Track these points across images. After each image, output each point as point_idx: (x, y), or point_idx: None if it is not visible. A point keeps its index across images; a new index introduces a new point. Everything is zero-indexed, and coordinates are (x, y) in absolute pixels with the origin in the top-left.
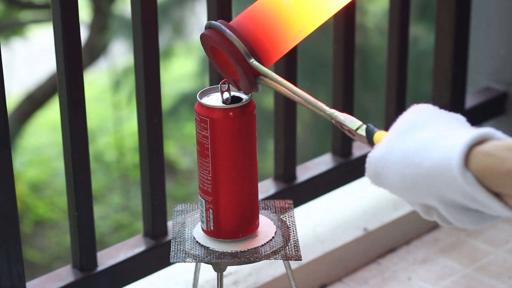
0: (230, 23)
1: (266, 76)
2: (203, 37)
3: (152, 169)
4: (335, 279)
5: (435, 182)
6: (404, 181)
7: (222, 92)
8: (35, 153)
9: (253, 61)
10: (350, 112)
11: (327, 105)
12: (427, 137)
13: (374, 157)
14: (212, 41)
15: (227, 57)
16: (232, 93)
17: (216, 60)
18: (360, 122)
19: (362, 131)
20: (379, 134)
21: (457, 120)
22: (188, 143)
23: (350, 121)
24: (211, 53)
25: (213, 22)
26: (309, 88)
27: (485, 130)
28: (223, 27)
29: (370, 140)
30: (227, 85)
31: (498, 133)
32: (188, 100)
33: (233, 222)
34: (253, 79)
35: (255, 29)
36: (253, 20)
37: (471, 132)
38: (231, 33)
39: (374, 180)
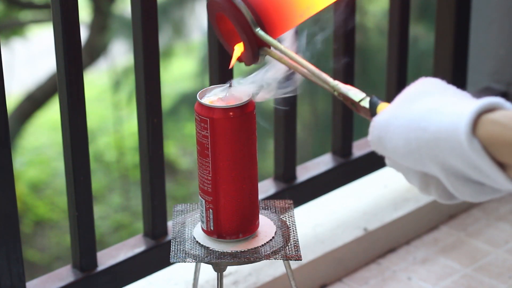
0: None
1: (270, 46)
2: (210, 3)
3: (152, 169)
4: (335, 279)
5: (440, 146)
6: (408, 145)
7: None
8: (35, 153)
9: (259, 30)
10: (350, 112)
11: (325, 104)
12: (435, 103)
13: (379, 121)
14: (219, 7)
15: (233, 26)
16: (233, 93)
17: (221, 29)
18: (363, 94)
19: (366, 103)
20: (382, 106)
21: (465, 95)
22: (188, 143)
23: (354, 93)
24: (216, 21)
25: None
26: (309, 88)
27: (495, 99)
28: None
29: (373, 112)
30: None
31: (508, 104)
32: (188, 100)
33: (233, 222)
34: (256, 49)
35: (264, 0)
36: None
37: (481, 100)
38: (239, 0)
39: (377, 145)
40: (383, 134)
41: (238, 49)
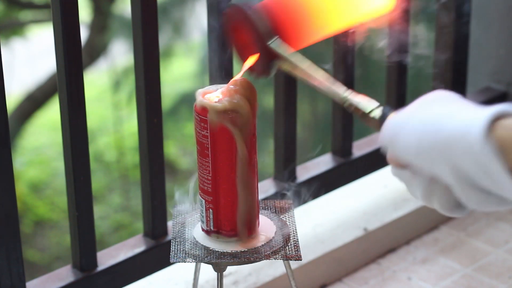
0: (256, 4)
1: (283, 59)
2: (226, 15)
3: (152, 169)
4: (335, 279)
5: (452, 148)
6: (420, 145)
7: None
8: (35, 153)
9: (271, 43)
10: (350, 112)
11: (325, 105)
12: (450, 108)
13: (393, 120)
14: (235, 18)
15: (247, 37)
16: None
17: (235, 41)
18: (375, 103)
19: (376, 113)
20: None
21: (478, 106)
22: (188, 143)
23: (365, 103)
24: (232, 32)
25: (238, 0)
26: (309, 88)
27: (510, 106)
28: (248, 5)
29: (384, 122)
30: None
31: None
32: (188, 100)
33: (233, 222)
34: (269, 61)
35: (280, 14)
36: (280, 4)
37: (496, 107)
38: (255, 11)
39: (389, 142)
40: (396, 131)
41: (250, 60)
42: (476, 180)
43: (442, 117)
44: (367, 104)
